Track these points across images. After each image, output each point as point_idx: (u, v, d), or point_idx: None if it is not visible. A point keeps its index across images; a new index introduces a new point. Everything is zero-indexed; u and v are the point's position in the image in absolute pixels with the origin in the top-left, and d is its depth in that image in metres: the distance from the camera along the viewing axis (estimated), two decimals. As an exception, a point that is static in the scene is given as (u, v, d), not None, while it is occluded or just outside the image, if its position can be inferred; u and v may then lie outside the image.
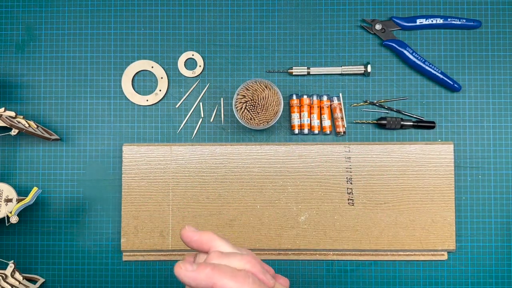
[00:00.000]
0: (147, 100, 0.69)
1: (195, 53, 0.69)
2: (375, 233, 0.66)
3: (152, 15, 0.70)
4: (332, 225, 0.66)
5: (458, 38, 0.69)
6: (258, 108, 0.64)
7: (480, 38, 0.69)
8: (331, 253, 0.67)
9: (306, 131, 0.68)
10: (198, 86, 0.70)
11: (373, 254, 0.67)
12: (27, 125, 0.63)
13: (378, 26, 0.68)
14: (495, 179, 0.68)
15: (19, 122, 0.62)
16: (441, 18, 0.68)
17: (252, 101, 0.64)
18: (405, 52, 0.67)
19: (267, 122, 0.65)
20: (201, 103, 0.70)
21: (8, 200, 0.62)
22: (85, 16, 0.70)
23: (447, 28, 0.69)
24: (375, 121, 0.68)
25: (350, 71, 0.68)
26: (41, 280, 0.67)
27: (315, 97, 0.68)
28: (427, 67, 0.67)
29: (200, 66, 0.69)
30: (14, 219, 0.60)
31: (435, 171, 0.66)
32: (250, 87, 0.64)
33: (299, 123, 0.68)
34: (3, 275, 0.61)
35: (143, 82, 0.70)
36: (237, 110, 0.65)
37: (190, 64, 0.70)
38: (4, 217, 0.61)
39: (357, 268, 0.68)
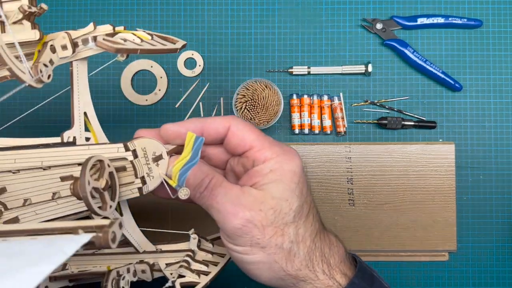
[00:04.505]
0: (146, 100, 0.69)
1: (194, 52, 0.69)
2: (376, 234, 0.66)
3: (152, 14, 0.70)
4: (332, 226, 0.66)
5: (459, 38, 0.69)
6: (258, 108, 0.64)
7: (482, 38, 0.69)
8: (331, 253, 0.67)
9: (306, 131, 0.68)
10: (197, 85, 0.69)
11: (374, 255, 0.67)
12: (138, 40, 0.41)
13: (378, 26, 0.68)
14: (496, 179, 0.68)
15: (125, 41, 0.41)
16: (442, 18, 0.68)
17: (252, 101, 0.64)
18: (406, 51, 0.67)
19: (267, 122, 0.64)
20: (200, 103, 0.69)
21: (158, 158, 0.39)
22: (85, 16, 0.70)
23: (448, 27, 0.69)
24: (376, 121, 0.68)
25: (351, 70, 0.68)
26: None
27: (315, 97, 0.68)
28: (428, 67, 0.67)
29: (199, 65, 0.69)
30: (184, 193, 0.36)
31: (436, 171, 0.66)
32: (250, 86, 0.64)
33: (300, 123, 0.68)
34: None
35: (143, 81, 0.70)
36: (237, 110, 0.65)
37: (190, 63, 0.70)
38: (161, 182, 0.39)
39: (358, 269, 0.67)
